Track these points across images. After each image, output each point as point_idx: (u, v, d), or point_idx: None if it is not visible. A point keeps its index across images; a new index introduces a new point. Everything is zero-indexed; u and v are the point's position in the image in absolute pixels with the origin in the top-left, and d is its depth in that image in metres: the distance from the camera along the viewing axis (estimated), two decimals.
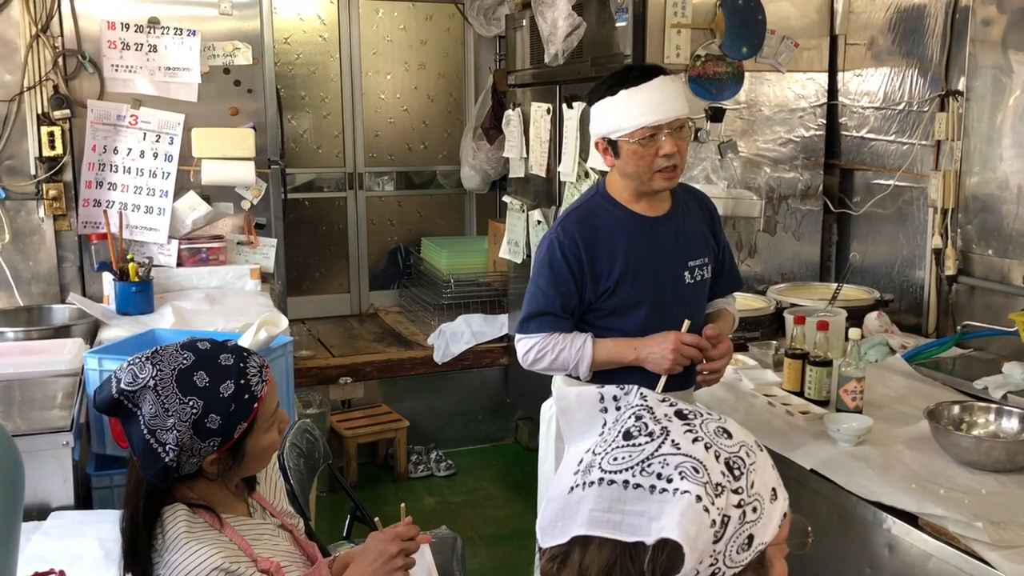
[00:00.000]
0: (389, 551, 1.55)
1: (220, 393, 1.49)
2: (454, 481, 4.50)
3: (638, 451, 0.88)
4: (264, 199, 3.97)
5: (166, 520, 1.50)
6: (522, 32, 4.34)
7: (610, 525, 0.85)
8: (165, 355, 1.51)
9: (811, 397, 2.57)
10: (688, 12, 3.34)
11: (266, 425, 1.57)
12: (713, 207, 2.45)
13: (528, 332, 2.24)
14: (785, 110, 3.60)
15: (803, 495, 2.27)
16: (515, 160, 4.42)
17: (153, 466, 1.48)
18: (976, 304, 3.11)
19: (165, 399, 1.47)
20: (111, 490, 2.51)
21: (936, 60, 3.22)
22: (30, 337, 3.15)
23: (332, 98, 5.64)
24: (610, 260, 2.21)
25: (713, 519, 0.85)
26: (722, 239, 2.42)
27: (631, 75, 2.16)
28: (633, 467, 0.87)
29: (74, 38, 3.67)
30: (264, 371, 1.56)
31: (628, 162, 2.18)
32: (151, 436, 1.47)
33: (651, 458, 0.87)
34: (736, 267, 2.52)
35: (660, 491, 0.85)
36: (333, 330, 5.36)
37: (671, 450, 0.88)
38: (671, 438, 0.89)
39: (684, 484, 0.85)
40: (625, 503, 0.85)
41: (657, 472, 0.86)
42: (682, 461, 0.87)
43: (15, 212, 3.67)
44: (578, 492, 0.88)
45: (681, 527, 0.83)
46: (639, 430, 0.90)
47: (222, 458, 1.53)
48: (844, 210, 3.70)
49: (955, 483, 2.08)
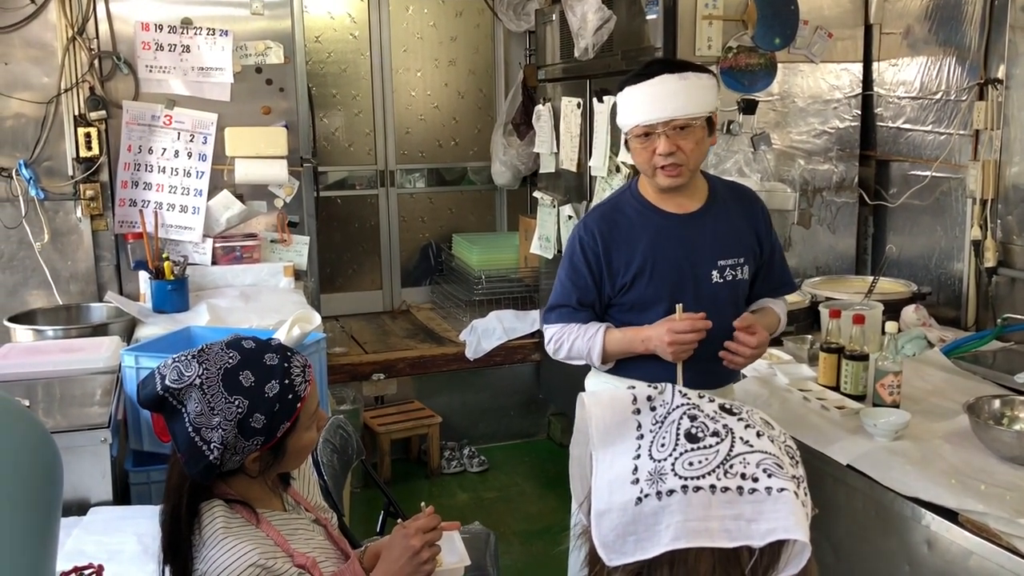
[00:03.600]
0: (413, 546, 1.55)
1: (265, 393, 1.50)
2: (487, 477, 4.51)
3: (712, 453, 0.86)
4: (297, 197, 4.00)
5: (203, 516, 1.52)
6: (552, 27, 4.32)
7: (707, 534, 0.83)
8: (211, 354, 1.52)
9: (847, 392, 2.54)
10: (719, 3, 3.31)
11: (307, 423, 1.59)
12: (763, 208, 2.38)
13: (549, 322, 2.32)
14: (819, 101, 3.56)
15: (840, 491, 2.24)
16: (546, 155, 4.41)
17: (197, 463, 1.49)
18: (1017, 296, 3.05)
19: (211, 398, 1.48)
20: (148, 486, 2.54)
21: (974, 48, 3.16)
22: (69, 335, 3.21)
23: (363, 96, 5.67)
24: (628, 256, 2.22)
25: (807, 511, 0.86)
26: (770, 240, 2.36)
27: (642, 71, 2.16)
28: (715, 470, 0.85)
29: (109, 40, 3.72)
30: (307, 371, 1.57)
31: (635, 158, 2.22)
32: (196, 434, 1.48)
33: (729, 459, 0.86)
34: (787, 269, 2.45)
35: (750, 491, 0.84)
36: (366, 327, 5.39)
37: (745, 448, 0.87)
38: (738, 436, 0.87)
39: (775, 482, 0.84)
40: (718, 508, 0.84)
41: (741, 472, 0.85)
42: (762, 459, 0.86)
43: (53, 212, 3.73)
44: (652, 503, 0.85)
45: (801, 527, 0.83)
46: (701, 431, 0.88)
47: (264, 456, 1.54)
48: (880, 202, 3.65)
49: (996, 479, 2.04)
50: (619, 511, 0.86)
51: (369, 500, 3.96)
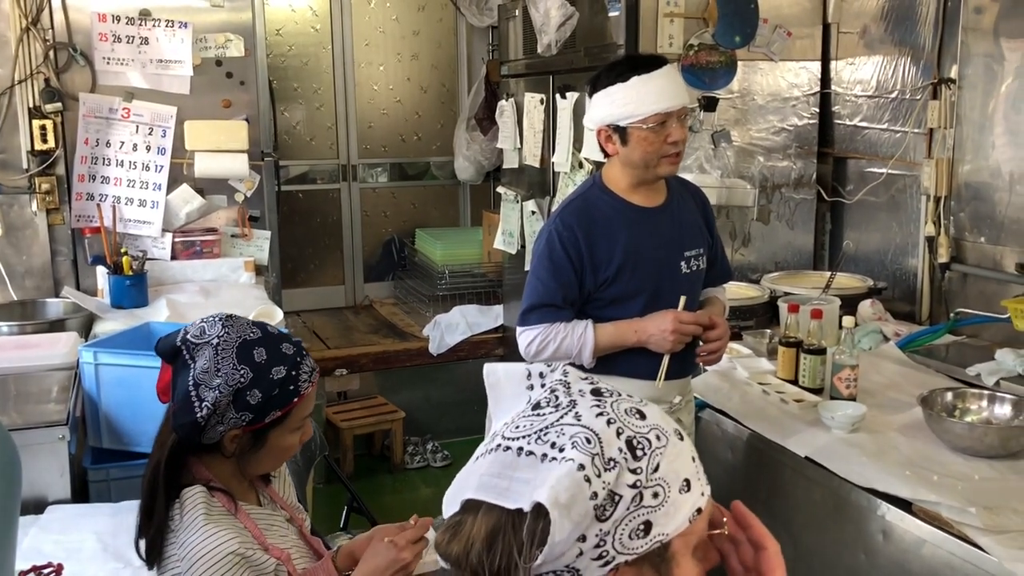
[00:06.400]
0: (403, 559, 1.55)
1: (271, 375, 1.54)
2: (450, 471, 4.50)
3: (540, 420, 0.86)
4: (258, 191, 3.96)
5: (185, 500, 1.52)
6: (515, 22, 4.33)
7: (497, 491, 0.83)
8: (237, 323, 1.58)
9: (805, 385, 2.58)
10: (681, 1, 3.33)
11: (294, 425, 1.61)
12: (706, 199, 2.48)
13: (529, 324, 2.25)
14: (778, 99, 3.60)
15: (798, 482, 2.29)
16: (509, 151, 4.42)
17: (184, 417, 1.52)
18: (969, 291, 3.12)
19: (220, 360, 1.52)
20: (107, 483, 2.51)
21: (928, 48, 3.22)
22: (24, 331, 3.15)
23: (325, 89, 5.63)
24: (609, 249, 2.22)
25: (595, 491, 0.81)
26: (715, 231, 2.45)
27: (639, 62, 2.19)
28: (530, 435, 0.85)
29: (65, 31, 3.65)
30: (314, 375, 1.61)
31: (636, 149, 2.19)
32: (194, 389, 1.52)
33: (550, 428, 0.85)
34: (727, 259, 2.57)
35: (550, 460, 0.82)
36: (328, 322, 5.36)
37: (571, 421, 0.85)
38: (576, 411, 0.86)
39: (571, 453, 0.82)
40: (516, 470, 0.83)
41: (552, 441, 0.84)
42: (578, 432, 0.84)
43: (8, 206, 3.65)
44: (480, 461, 0.86)
45: (552, 491, 0.79)
46: (548, 402, 0.88)
47: (243, 437, 1.56)
48: (837, 198, 3.71)
49: (948, 469, 2.09)
50: (464, 471, 0.88)
51: (332, 495, 3.94)
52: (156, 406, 2.54)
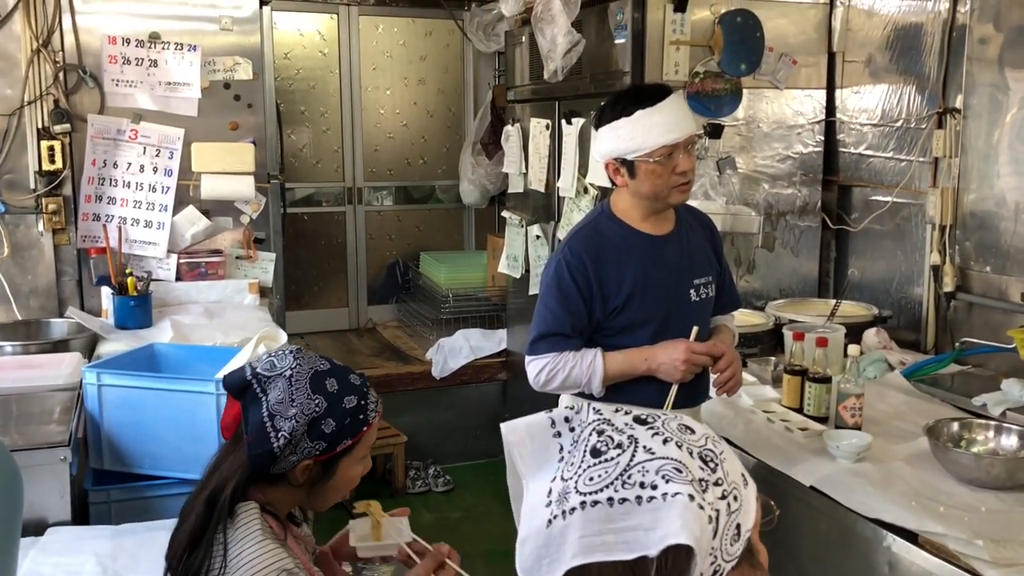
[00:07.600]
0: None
1: (343, 403, 1.58)
2: (452, 497, 4.48)
3: (613, 465, 0.85)
4: (263, 213, 3.97)
5: (240, 513, 1.53)
6: (521, 48, 4.36)
7: (605, 548, 0.82)
8: (306, 356, 1.62)
9: (810, 414, 2.57)
10: (687, 29, 3.36)
11: (361, 455, 1.64)
12: (714, 227, 2.47)
13: (538, 353, 2.23)
14: (783, 127, 3.62)
15: (803, 512, 2.27)
16: (514, 175, 4.43)
17: (259, 447, 1.53)
18: (974, 321, 3.11)
19: (295, 391, 1.55)
20: (108, 505, 2.49)
21: (933, 78, 3.24)
22: (28, 351, 3.14)
23: (331, 113, 5.66)
24: (619, 278, 2.21)
25: (709, 515, 0.83)
26: (723, 260, 2.45)
27: (643, 95, 2.17)
28: (612, 483, 0.83)
29: (75, 53, 3.67)
30: (379, 405, 1.66)
31: (645, 182, 2.18)
32: (270, 420, 1.53)
33: (628, 469, 0.84)
34: (735, 287, 2.56)
35: (648, 500, 0.82)
36: (331, 344, 5.35)
37: (646, 456, 0.85)
38: (641, 444, 0.86)
39: (672, 487, 0.82)
40: (616, 521, 0.82)
41: (639, 481, 0.83)
42: (662, 464, 0.84)
43: (14, 226, 3.66)
44: (559, 523, 0.84)
45: (687, 529, 0.80)
46: (606, 444, 0.87)
47: (315, 468, 1.58)
48: (842, 226, 3.71)
49: (955, 500, 2.08)
50: (535, 536, 0.86)
51: (332, 520, 3.91)
52: (158, 428, 2.54)
